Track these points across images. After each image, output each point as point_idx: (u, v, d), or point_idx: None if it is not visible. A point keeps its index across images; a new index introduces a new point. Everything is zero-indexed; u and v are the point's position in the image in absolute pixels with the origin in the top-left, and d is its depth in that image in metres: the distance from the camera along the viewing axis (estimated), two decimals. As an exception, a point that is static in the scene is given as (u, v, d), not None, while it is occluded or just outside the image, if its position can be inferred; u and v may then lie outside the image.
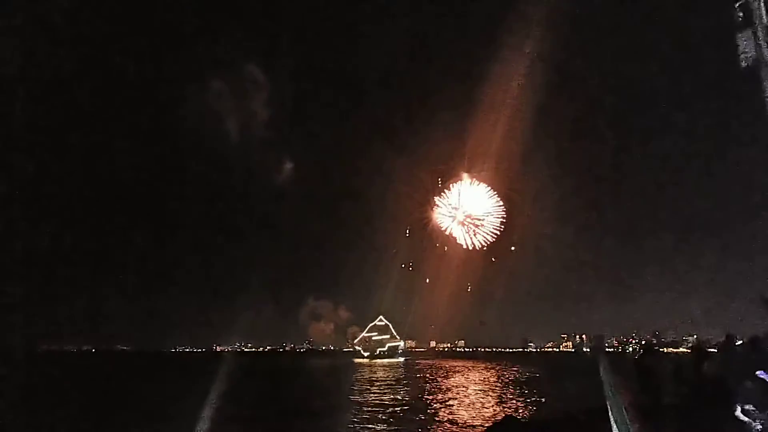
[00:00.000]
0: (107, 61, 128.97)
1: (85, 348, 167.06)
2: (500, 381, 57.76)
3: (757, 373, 8.42)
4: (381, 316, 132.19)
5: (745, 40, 8.53)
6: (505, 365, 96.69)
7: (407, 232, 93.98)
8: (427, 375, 68.70)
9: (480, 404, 34.45)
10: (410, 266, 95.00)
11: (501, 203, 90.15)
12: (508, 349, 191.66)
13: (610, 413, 7.61)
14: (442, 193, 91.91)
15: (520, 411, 30.08)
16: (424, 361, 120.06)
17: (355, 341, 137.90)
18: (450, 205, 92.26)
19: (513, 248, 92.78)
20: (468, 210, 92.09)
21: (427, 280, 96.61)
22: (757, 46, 8.56)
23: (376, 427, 24.99)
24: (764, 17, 8.91)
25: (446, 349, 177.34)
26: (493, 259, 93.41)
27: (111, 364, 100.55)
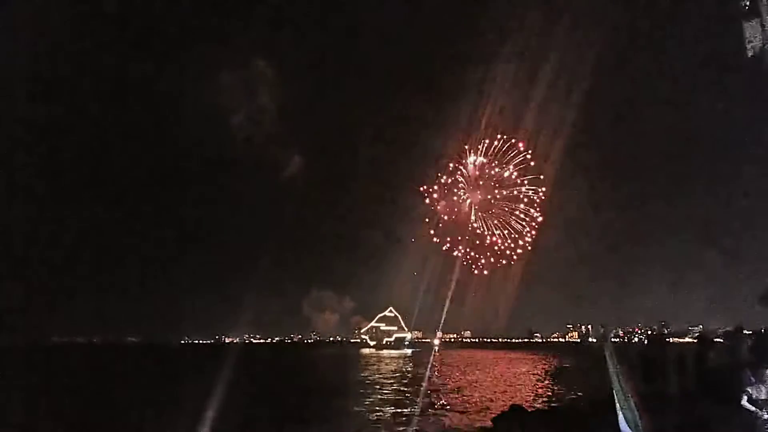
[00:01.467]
0: (111, 58, 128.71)
1: (95, 340, 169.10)
2: (508, 371, 57.99)
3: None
4: (391, 307, 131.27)
5: (750, 29, 8.39)
6: (513, 355, 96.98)
7: (413, 239, 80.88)
8: (435, 366, 69.01)
9: (487, 394, 34.64)
10: (415, 272, 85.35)
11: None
12: (514, 340, 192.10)
13: (616, 402, 7.69)
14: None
15: (527, 401, 30.24)
16: (431, 352, 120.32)
17: (362, 331, 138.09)
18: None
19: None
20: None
21: (431, 283, 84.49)
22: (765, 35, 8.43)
23: (382, 417, 25.23)
24: None
25: (452, 340, 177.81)
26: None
27: (122, 355, 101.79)
